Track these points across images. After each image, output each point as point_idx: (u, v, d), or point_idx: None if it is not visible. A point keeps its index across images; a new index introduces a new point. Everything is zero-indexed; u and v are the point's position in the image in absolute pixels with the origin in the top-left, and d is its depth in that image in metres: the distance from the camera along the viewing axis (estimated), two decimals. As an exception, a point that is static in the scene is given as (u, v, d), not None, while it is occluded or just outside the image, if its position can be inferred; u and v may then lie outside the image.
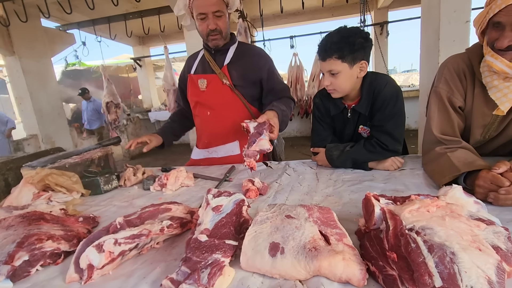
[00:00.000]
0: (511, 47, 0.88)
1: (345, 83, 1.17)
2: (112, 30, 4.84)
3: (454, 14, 2.83)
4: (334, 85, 1.18)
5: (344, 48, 1.09)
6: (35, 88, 4.12)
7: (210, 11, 1.32)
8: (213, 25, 1.35)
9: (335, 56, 1.11)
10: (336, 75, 1.15)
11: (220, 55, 1.49)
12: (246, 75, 1.48)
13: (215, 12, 1.32)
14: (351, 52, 1.10)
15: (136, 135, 7.05)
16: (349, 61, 1.12)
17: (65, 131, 4.64)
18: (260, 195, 1.06)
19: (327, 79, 1.18)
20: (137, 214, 0.79)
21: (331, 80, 1.17)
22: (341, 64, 1.12)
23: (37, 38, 4.20)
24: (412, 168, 1.19)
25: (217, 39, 1.40)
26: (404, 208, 0.62)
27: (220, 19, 1.36)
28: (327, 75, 1.18)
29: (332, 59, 1.12)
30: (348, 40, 1.09)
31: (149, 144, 1.49)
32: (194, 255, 0.62)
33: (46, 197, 1.12)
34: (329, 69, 1.15)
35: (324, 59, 1.14)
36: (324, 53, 1.13)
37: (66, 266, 0.70)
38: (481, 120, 1.06)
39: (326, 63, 1.14)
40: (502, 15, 0.86)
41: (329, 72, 1.16)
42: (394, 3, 5.89)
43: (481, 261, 0.49)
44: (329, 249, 0.59)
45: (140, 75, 8.08)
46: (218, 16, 1.35)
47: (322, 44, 1.15)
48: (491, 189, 0.81)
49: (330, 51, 1.11)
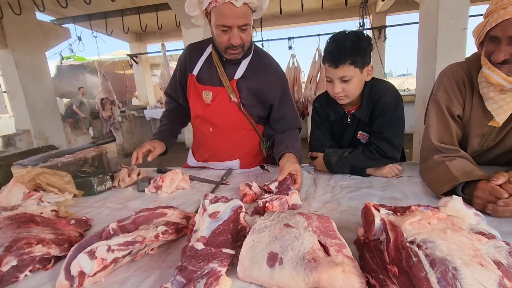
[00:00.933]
0: (507, 61, 0.88)
1: (356, 88, 1.16)
2: (108, 25, 4.77)
3: (452, 21, 2.86)
4: (346, 91, 1.15)
5: (356, 53, 1.08)
6: (28, 82, 4.03)
7: (236, 25, 1.11)
8: (238, 40, 1.15)
9: (349, 62, 1.08)
10: (348, 81, 1.13)
11: (231, 65, 1.31)
12: (257, 95, 1.34)
13: (241, 26, 1.13)
14: (362, 57, 1.10)
15: (131, 132, 6.98)
16: (360, 65, 1.11)
17: (58, 127, 4.55)
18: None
19: (338, 86, 1.14)
20: (131, 219, 0.77)
21: (342, 87, 1.14)
22: (353, 69, 1.10)
23: (31, 32, 4.12)
24: (410, 175, 1.19)
25: (237, 53, 1.23)
26: (405, 219, 0.61)
27: (245, 32, 1.17)
28: (337, 82, 1.14)
29: (346, 65, 1.09)
30: (359, 44, 1.09)
31: (154, 152, 1.35)
32: (190, 264, 0.60)
33: (37, 197, 1.08)
34: (342, 75, 1.12)
35: (337, 66, 1.10)
36: (338, 60, 1.09)
37: (56, 272, 0.67)
38: (479, 129, 1.07)
39: (339, 70, 1.11)
40: (498, 30, 0.87)
41: (341, 78, 1.13)
42: (393, 7, 5.92)
43: (483, 277, 0.48)
44: (329, 260, 0.58)
45: (137, 72, 7.99)
46: (244, 30, 1.15)
47: (333, 50, 1.11)
48: (490, 201, 0.81)
49: (344, 58, 1.08)
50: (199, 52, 1.38)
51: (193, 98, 1.40)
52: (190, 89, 1.39)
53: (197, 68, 1.36)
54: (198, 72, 1.36)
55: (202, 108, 1.37)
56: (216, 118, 1.37)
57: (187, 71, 1.39)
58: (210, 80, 1.34)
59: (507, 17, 0.83)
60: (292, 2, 5.07)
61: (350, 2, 3.94)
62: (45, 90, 4.33)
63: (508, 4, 0.83)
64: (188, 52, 1.42)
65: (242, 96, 1.32)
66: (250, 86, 1.32)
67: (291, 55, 5.97)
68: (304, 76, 6.19)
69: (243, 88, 1.32)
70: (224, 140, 1.40)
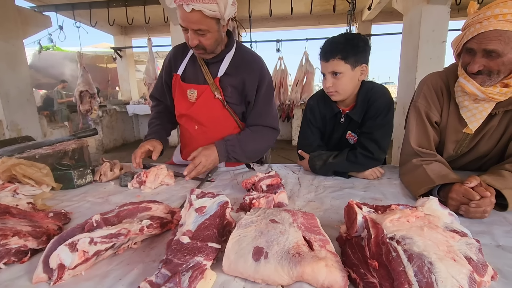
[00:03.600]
0: (481, 72, 0.94)
1: (347, 85, 1.19)
2: (93, 16, 4.62)
3: (433, 33, 3.00)
4: (336, 86, 1.19)
5: (348, 49, 1.12)
6: (2, 70, 3.81)
7: (191, 28, 1.14)
8: (193, 42, 1.17)
9: (339, 56, 1.13)
10: (338, 75, 1.16)
11: (214, 62, 1.32)
12: (239, 92, 1.34)
13: (196, 30, 1.14)
14: (354, 54, 1.13)
15: (111, 127, 6.77)
16: (352, 62, 1.14)
17: (33, 119, 4.33)
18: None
19: (329, 81, 1.19)
20: (115, 212, 0.76)
21: (333, 82, 1.18)
22: (344, 64, 1.14)
23: (8, 17, 3.90)
24: (389, 178, 1.24)
25: (201, 53, 1.24)
26: (386, 217, 0.64)
27: (204, 36, 1.16)
28: (329, 77, 1.19)
29: (335, 60, 1.14)
30: (352, 42, 1.13)
31: (156, 150, 1.32)
32: (176, 257, 0.60)
33: (12, 189, 1.03)
34: (332, 69, 1.16)
35: (328, 60, 1.15)
36: (329, 54, 1.15)
37: (33, 265, 0.65)
38: (454, 135, 1.13)
39: (329, 64, 1.16)
40: (474, 42, 0.93)
41: (331, 73, 1.17)
42: (378, 17, 6.13)
43: (455, 271, 0.51)
44: (312, 255, 0.60)
45: (120, 66, 7.76)
46: (201, 34, 1.16)
47: (326, 45, 1.16)
48: (463, 202, 0.87)
49: (334, 52, 1.13)
50: (184, 52, 1.39)
51: (178, 97, 1.39)
52: (175, 88, 1.39)
53: (182, 68, 1.37)
54: (182, 71, 1.37)
55: (187, 107, 1.37)
56: (201, 116, 1.37)
57: (172, 72, 1.40)
58: (194, 78, 1.35)
59: (482, 30, 0.89)
60: (282, 5, 5.14)
61: (338, 9, 4.03)
62: (21, 79, 4.11)
63: (483, 19, 0.89)
64: (173, 53, 1.43)
65: (226, 94, 1.33)
66: (232, 83, 1.32)
67: (278, 57, 6.04)
68: (290, 79, 6.28)
69: (227, 86, 1.32)
70: (209, 138, 1.39)
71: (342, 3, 4.06)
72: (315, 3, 4.47)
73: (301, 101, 6.11)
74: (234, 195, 1.07)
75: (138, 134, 7.86)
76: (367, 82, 1.26)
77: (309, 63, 5.93)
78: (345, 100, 1.27)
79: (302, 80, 6.03)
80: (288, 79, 6.28)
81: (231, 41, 1.33)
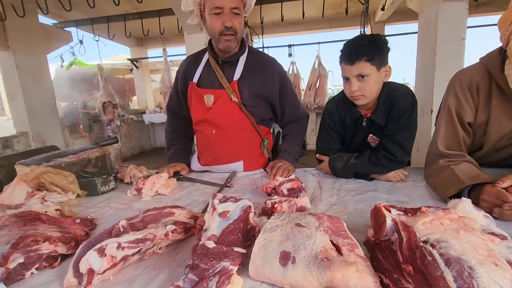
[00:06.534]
0: None
1: (373, 87, 1.16)
2: (110, 30, 4.80)
3: (450, 31, 2.92)
4: (363, 89, 1.15)
5: (373, 50, 1.10)
6: (28, 84, 4.02)
7: (228, 6, 1.18)
8: (229, 22, 1.21)
9: (365, 58, 1.10)
10: (365, 78, 1.13)
11: (228, 66, 1.36)
12: (257, 95, 1.38)
13: (233, 8, 1.19)
14: (379, 55, 1.11)
15: (129, 136, 6.96)
16: (377, 64, 1.12)
17: (57, 130, 4.52)
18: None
19: (354, 84, 1.14)
20: (140, 218, 0.77)
21: (359, 85, 1.14)
22: (370, 66, 1.11)
23: (33, 34, 4.12)
24: (414, 180, 1.20)
25: (231, 40, 1.26)
26: (417, 220, 0.61)
27: (237, 18, 1.23)
28: (354, 80, 1.14)
29: (361, 62, 1.10)
30: (376, 43, 1.10)
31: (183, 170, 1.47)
32: (202, 262, 0.60)
33: (40, 197, 1.07)
34: (358, 72, 1.12)
35: (353, 62, 1.11)
36: (354, 56, 1.11)
37: (63, 270, 0.67)
38: (499, 131, 1.04)
39: (355, 67, 1.12)
40: None
41: (357, 76, 1.13)
42: (391, 17, 6.02)
43: (498, 277, 0.48)
44: (342, 259, 0.58)
45: (137, 77, 8.00)
46: (236, 14, 1.22)
47: (349, 48, 1.13)
48: (496, 204, 0.82)
49: (360, 54, 1.10)
50: (197, 60, 1.44)
51: (194, 104, 1.42)
52: (191, 96, 1.43)
53: (197, 75, 1.41)
54: (198, 79, 1.41)
55: (204, 112, 1.40)
56: (218, 119, 1.39)
57: (187, 81, 1.44)
58: (210, 84, 1.39)
59: None
60: (294, 10, 5.15)
61: (350, 11, 4.00)
62: (45, 93, 4.31)
63: None
64: (187, 63, 1.48)
65: (243, 97, 1.36)
66: (250, 86, 1.36)
67: (291, 62, 6.03)
68: (303, 83, 6.26)
69: (244, 89, 1.36)
70: (227, 142, 1.42)
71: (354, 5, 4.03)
72: (326, 6, 4.46)
73: (314, 105, 6.07)
74: (254, 200, 1.07)
75: (155, 142, 8.04)
76: (388, 83, 1.22)
77: (322, 67, 5.89)
78: (367, 103, 1.23)
79: (315, 84, 5.99)
80: (301, 84, 6.26)
81: (243, 44, 1.39)
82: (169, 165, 1.43)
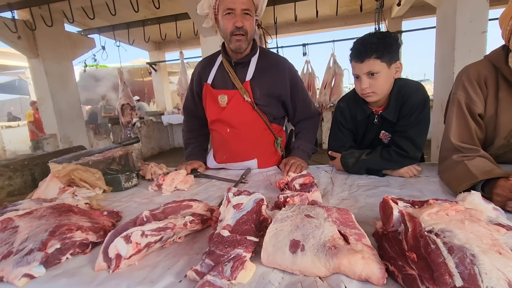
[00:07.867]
0: None
1: (384, 84, 1.17)
2: (130, 35, 5.00)
3: (470, 24, 2.82)
4: (374, 87, 1.16)
5: (382, 48, 1.11)
6: (56, 89, 4.28)
7: (239, 8, 1.26)
8: (240, 23, 1.27)
9: (374, 56, 1.11)
10: (375, 75, 1.14)
11: (241, 67, 1.42)
12: (269, 94, 1.43)
13: (244, 10, 1.27)
14: (389, 52, 1.12)
15: (149, 137, 7.20)
16: (387, 61, 1.13)
17: (82, 132, 4.79)
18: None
19: (365, 82, 1.16)
20: (161, 209, 0.83)
21: (370, 82, 1.16)
22: (380, 63, 1.12)
23: (60, 42, 4.39)
24: (427, 175, 1.19)
25: (241, 40, 1.31)
26: (423, 211, 0.63)
27: (248, 19, 1.30)
28: (364, 78, 1.16)
29: (371, 59, 1.12)
30: (384, 40, 1.12)
31: (201, 168, 1.53)
32: (217, 249, 0.65)
33: (71, 192, 1.17)
34: (368, 70, 1.14)
35: (363, 60, 1.13)
36: (363, 54, 1.13)
37: (93, 256, 0.74)
38: (509, 123, 1.04)
39: (365, 64, 1.13)
40: None
41: (367, 73, 1.15)
42: (408, 12, 5.87)
43: (501, 264, 0.50)
44: (349, 248, 0.61)
45: (155, 79, 8.27)
46: (246, 14, 1.28)
47: (358, 46, 1.15)
48: (510, 198, 0.82)
49: (369, 52, 1.11)
50: (211, 63, 1.51)
51: (209, 104, 1.49)
52: (206, 97, 1.50)
53: (211, 77, 1.48)
54: (212, 80, 1.48)
55: (218, 112, 1.46)
56: (232, 119, 1.44)
57: (202, 82, 1.51)
58: (224, 84, 1.45)
59: None
60: (307, 9, 5.14)
61: (364, 8, 3.95)
62: (71, 97, 4.58)
63: None
64: (201, 66, 1.55)
65: (256, 97, 1.42)
66: (261, 86, 1.41)
67: (305, 61, 6.01)
68: (318, 82, 6.22)
69: (256, 89, 1.41)
70: (241, 140, 1.48)
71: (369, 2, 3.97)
72: (340, 4, 4.43)
73: (330, 104, 6.02)
74: (268, 195, 1.11)
75: (173, 142, 8.26)
76: (399, 79, 1.22)
77: (337, 65, 5.83)
78: (378, 100, 1.24)
79: (331, 83, 5.94)
80: (316, 82, 6.22)
81: (255, 45, 1.43)
82: (186, 163, 1.51)
